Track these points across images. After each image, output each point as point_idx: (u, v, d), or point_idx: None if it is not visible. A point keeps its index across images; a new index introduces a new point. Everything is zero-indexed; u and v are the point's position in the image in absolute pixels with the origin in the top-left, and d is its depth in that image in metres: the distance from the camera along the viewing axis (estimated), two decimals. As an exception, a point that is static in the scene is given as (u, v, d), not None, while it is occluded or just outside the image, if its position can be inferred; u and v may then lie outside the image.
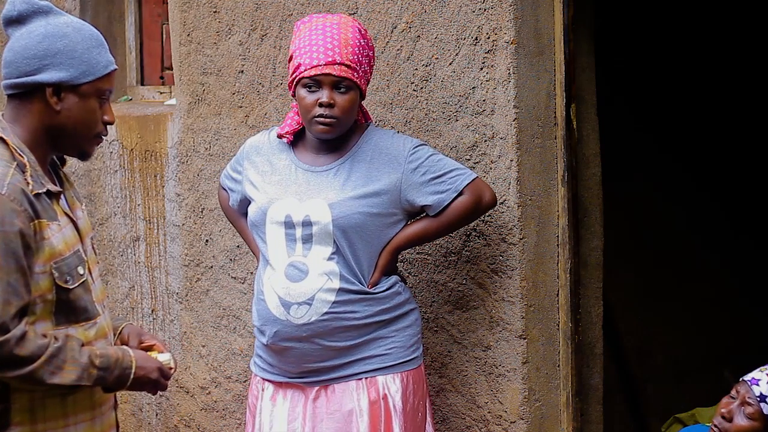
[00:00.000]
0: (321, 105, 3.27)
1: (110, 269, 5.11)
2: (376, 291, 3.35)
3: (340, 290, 3.30)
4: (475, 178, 3.37)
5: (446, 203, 3.34)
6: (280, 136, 3.43)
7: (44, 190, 2.66)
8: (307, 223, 3.31)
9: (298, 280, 3.31)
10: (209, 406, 4.58)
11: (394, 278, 3.40)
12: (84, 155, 2.80)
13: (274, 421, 3.40)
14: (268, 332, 3.36)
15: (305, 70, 3.27)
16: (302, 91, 3.31)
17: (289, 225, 3.33)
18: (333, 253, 3.31)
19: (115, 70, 2.77)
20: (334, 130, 3.32)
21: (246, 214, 3.54)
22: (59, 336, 2.63)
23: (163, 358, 2.88)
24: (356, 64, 3.29)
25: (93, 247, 2.85)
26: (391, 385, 3.35)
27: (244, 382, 4.36)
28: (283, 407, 3.40)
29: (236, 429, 4.46)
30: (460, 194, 3.34)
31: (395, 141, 3.39)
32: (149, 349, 2.89)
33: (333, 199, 3.31)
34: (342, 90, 3.29)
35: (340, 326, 3.31)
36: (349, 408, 3.33)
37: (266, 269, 3.38)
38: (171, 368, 2.88)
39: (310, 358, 3.34)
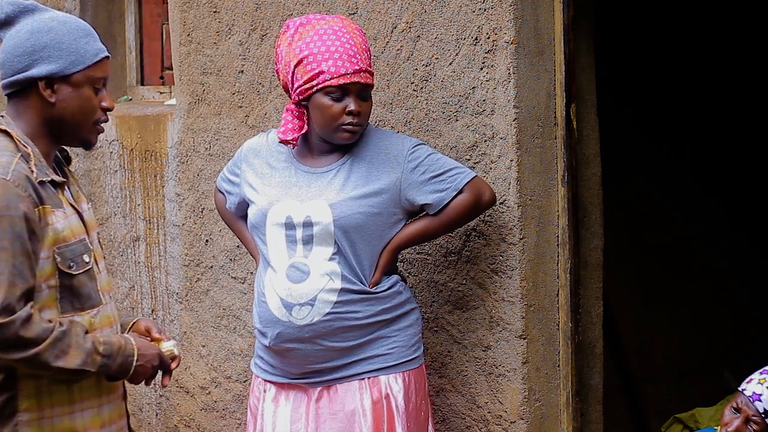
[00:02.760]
0: (350, 113, 3.28)
1: (110, 269, 5.11)
2: (378, 290, 3.35)
3: (342, 290, 3.30)
4: (474, 177, 3.37)
5: (446, 202, 3.35)
6: (285, 143, 3.38)
7: (48, 178, 2.71)
8: (308, 224, 3.31)
9: (299, 281, 3.31)
10: (209, 406, 4.58)
11: (395, 278, 3.41)
12: (86, 144, 2.85)
13: (277, 423, 3.40)
14: (270, 334, 3.36)
15: (332, 79, 3.25)
16: (325, 99, 3.28)
17: (289, 226, 3.33)
18: (334, 254, 3.31)
19: (107, 57, 2.81)
20: (356, 136, 3.33)
21: (243, 217, 3.55)
22: (64, 321, 2.65)
23: (167, 345, 2.89)
24: (372, 69, 3.32)
25: (99, 242, 2.88)
26: (394, 385, 3.35)
27: (244, 382, 4.36)
28: (286, 408, 3.40)
29: (236, 429, 4.46)
30: (459, 192, 3.34)
31: (394, 140, 3.39)
32: (156, 341, 2.90)
33: (333, 199, 3.31)
34: (364, 97, 3.30)
35: (342, 326, 3.31)
36: (351, 408, 3.33)
37: (267, 271, 3.38)
38: (174, 356, 2.89)
39: (312, 358, 3.34)
